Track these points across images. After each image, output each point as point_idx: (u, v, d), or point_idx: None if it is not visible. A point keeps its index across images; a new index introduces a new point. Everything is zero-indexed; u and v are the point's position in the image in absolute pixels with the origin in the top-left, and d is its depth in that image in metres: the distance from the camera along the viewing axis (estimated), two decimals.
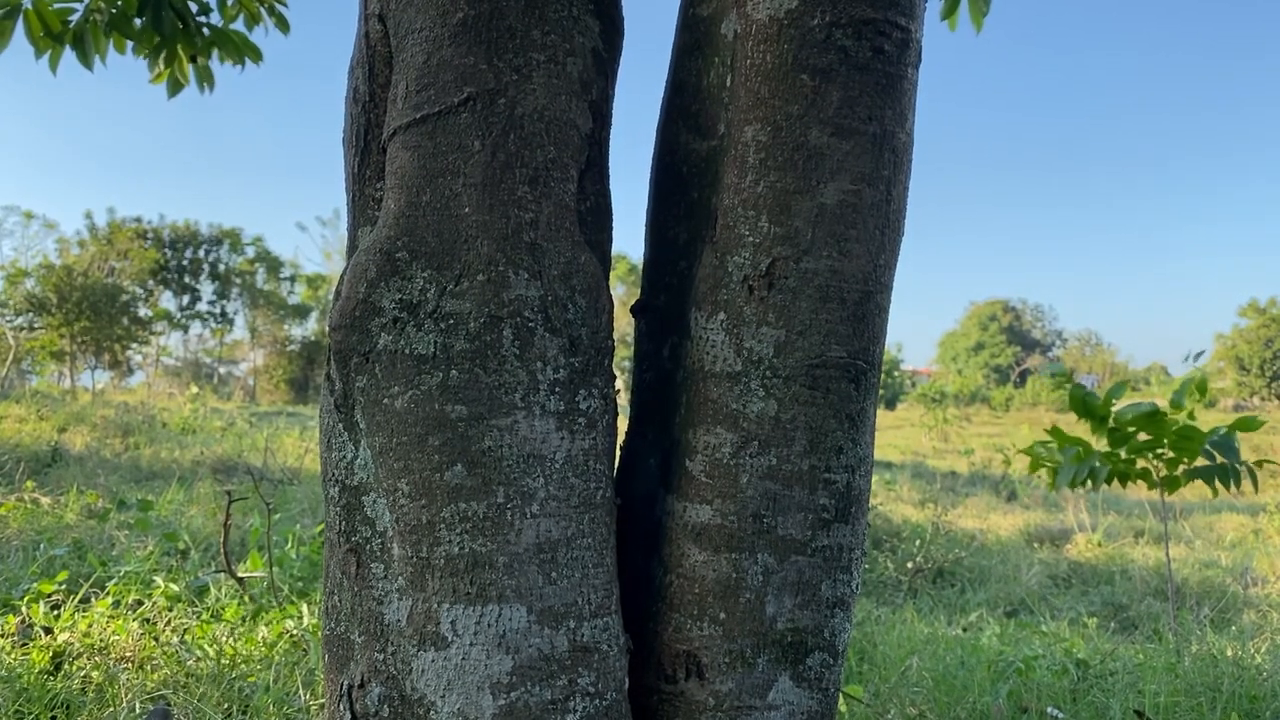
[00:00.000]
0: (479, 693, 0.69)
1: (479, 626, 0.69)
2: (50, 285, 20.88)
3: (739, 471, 0.74)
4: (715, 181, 0.76)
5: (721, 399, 0.75)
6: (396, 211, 0.72)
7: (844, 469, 0.76)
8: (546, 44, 0.72)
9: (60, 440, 7.48)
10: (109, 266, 25.55)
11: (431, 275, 0.70)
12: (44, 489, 5.13)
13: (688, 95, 0.79)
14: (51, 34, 3.32)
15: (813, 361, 0.74)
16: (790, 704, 0.75)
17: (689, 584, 0.75)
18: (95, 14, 3.44)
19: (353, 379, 0.71)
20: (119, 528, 4.22)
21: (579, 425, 0.72)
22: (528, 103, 0.71)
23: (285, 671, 2.58)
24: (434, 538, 0.69)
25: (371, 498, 0.72)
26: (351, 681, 0.72)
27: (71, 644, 2.60)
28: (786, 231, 0.72)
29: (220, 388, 25.81)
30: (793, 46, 0.71)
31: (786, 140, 0.71)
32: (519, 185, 0.71)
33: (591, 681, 0.72)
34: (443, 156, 0.71)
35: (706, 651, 0.75)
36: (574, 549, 0.72)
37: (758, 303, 0.74)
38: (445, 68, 0.71)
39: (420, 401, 0.69)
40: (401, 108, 0.73)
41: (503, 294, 0.70)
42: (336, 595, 0.74)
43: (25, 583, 3.18)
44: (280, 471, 6.71)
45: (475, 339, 0.69)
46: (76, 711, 2.20)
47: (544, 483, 0.71)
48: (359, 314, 0.70)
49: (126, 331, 22.58)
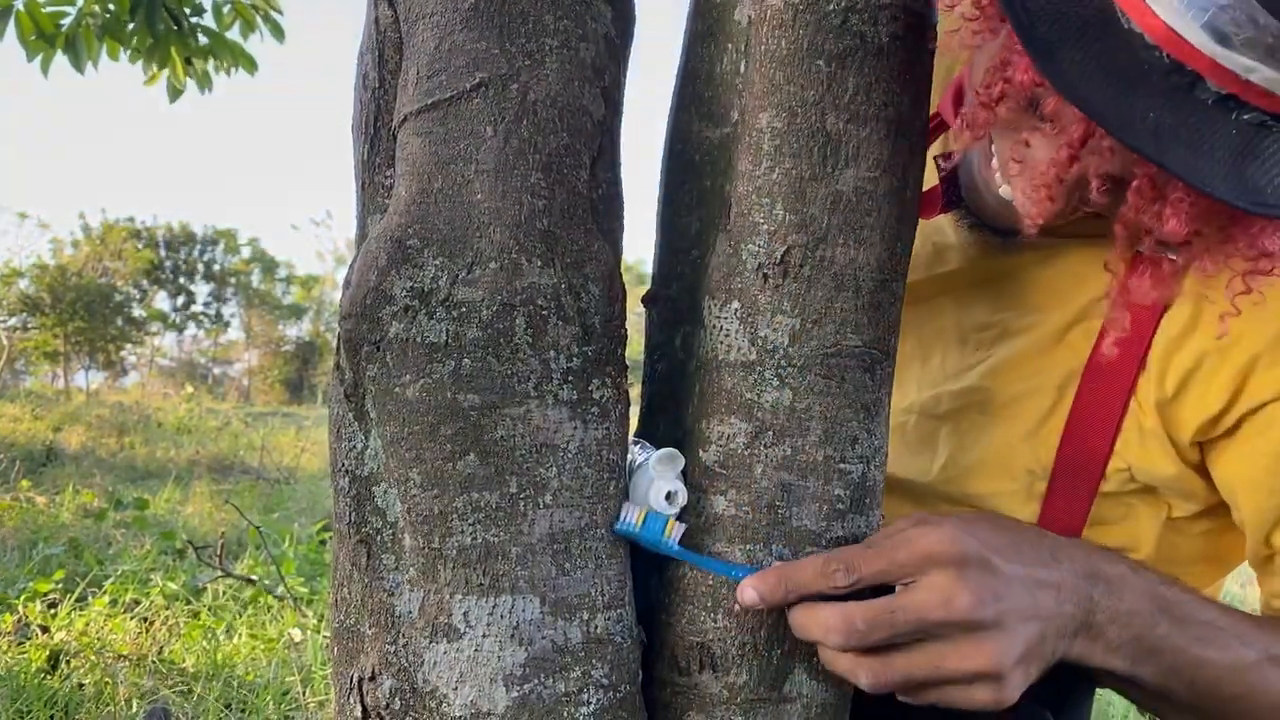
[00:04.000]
0: (492, 685, 0.68)
1: (492, 618, 0.68)
2: (44, 285, 20.82)
3: (753, 462, 0.74)
4: (729, 169, 0.76)
5: (735, 388, 0.74)
6: (407, 199, 0.71)
7: (859, 459, 0.75)
8: (559, 29, 0.71)
9: (55, 440, 7.46)
10: (103, 267, 25.50)
11: (443, 263, 0.69)
12: (39, 488, 5.11)
13: (700, 82, 0.78)
14: (44, 36, 3.31)
15: (828, 350, 0.73)
16: (805, 696, 0.75)
17: (702, 575, 0.75)
18: (89, 17, 3.43)
19: (363, 368, 0.70)
20: (115, 527, 4.21)
21: (592, 415, 0.71)
22: (540, 88, 0.70)
23: (284, 669, 2.57)
24: (446, 528, 0.69)
25: (382, 488, 0.71)
26: (362, 674, 0.71)
27: (69, 643, 2.59)
28: (802, 219, 0.72)
29: (215, 388, 25.76)
30: (808, 32, 0.70)
31: (802, 126, 0.71)
32: (532, 172, 0.70)
33: (605, 674, 0.71)
34: (454, 143, 0.70)
35: (720, 643, 0.74)
36: (587, 540, 0.71)
37: (772, 291, 0.73)
38: (457, 53, 0.70)
39: (432, 390, 0.68)
40: (412, 93, 0.72)
41: (515, 282, 0.69)
42: (346, 587, 0.73)
43: (21, 581, 3.17)
44: (277, 471, 6.69)
45: (488, 327, 0.68)
46: (75, 710, 2.19)
47: (557, 473, 0.70)
48: (369, 302, 0.69)
49: (121, 332, 22.53)
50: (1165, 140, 0.57)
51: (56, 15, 3.20)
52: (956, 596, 0.63)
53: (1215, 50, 0.55)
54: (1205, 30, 0.54)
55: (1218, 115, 0.57)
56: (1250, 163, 0.56)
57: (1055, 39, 0.59)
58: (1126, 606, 0.70)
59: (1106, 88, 0.58)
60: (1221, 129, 0.57)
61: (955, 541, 0.64)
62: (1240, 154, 0.57)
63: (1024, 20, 0.60)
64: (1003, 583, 0.65)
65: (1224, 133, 0.57)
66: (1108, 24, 0.59)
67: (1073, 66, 0.58)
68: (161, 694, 2.41)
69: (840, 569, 0.67)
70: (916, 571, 0.65)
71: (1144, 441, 0.80)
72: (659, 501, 0.72)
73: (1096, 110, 0.58)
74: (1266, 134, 0.57)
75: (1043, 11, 0.60)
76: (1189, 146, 0.57)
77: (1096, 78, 0.58)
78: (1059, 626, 0.67)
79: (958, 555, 0.64)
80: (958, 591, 0.63)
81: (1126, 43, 0.58)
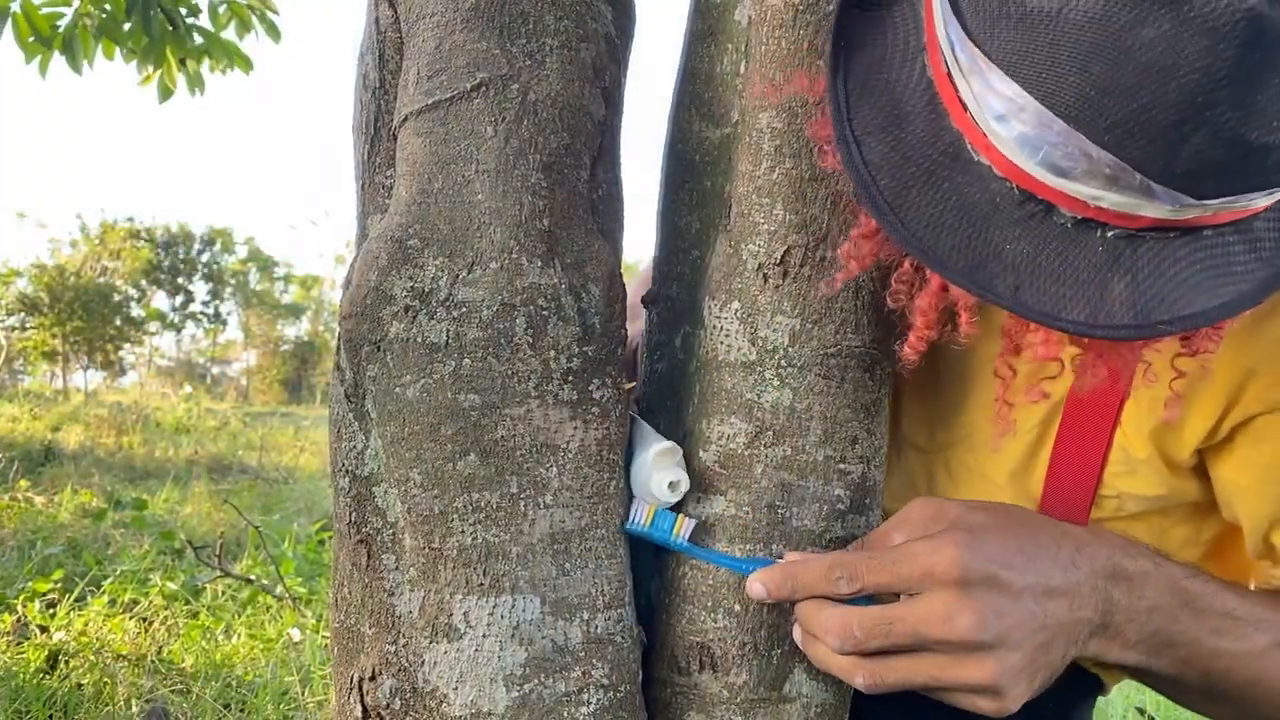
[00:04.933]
0: (492, 685, 0.68)
1: (492, 618, 0.69)
2: (42, 285, 20.80)
3: (753, 462, 0.74)
4: (729, 169, 0.76)
5: (735, 388, 0.74)
6: (408, 199, 0.71)
7: (859, 459, 0.75)
8: (560, 29, 0.72)
9: (54, 439, 7.45)
10: (101, 266, 25.48)
11: (444, 263, 0.69)
12: (38, 488, 5.10)
13: (700, 82, 0.78)
14: (41, 38, 3.31)
15: (828, 350, 0.73)
16: (805, 696, 0.75)
17: (703, 575, 0.75)
18: (85, 18, 3.43)
19: (363, 368, 0.70)
20: (114, 526, 4.20)
21: (592, 415, 0.71)
22: (541, 88, 0.70)
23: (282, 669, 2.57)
24: (446, 528, 0.69)
25: (382, 488, 0.71)
26: (362, 674, 0.71)
27: (67, 643, 2.58)
28: (802, 219, 0.72)
29: (213, 388, 25.75)
30: (808, 32, 0.70)
31: (802, 127, 0.71)
32: (532, 172, 0.70)
33: (606, 674, 0.71)
34: (455, 143, 0.70)
35: (720, 643, 0.74)
36: (587, 540, 0.71)
37: (772, 291, 0.73)
38: (457, 53, 0.70)
39: (432, 390, 0.68)
40: (413, 93, 0.72)
41: (516, 281, 0.69)
42: (346, 587, 0.73)
43: (20, 581, 3.16)
44: (275, 471, 6.69)
45: (488, 327, 0.69)
46: (74, 710, 2.19)
47: (557, 473, 0.70)
48: (370, 302, 0.69)
49: (119, 331, 22.52)
50: (1023, 274, 0.56)
51: (53, 16, 3.20)
52: (957, 615, 0.63)
53: (1059, 183, 0.54)
54: (1042, 166, 0.54)
55: (1080, 235, 0.56)
56: (1119, 279, 0.55)
57: (899, 186, 0.59)
58: (1148, 603, 0.69)
59: (960, 228, 0.57)
60: (1086, 249, 0.55)
61: (958, 561, 0.63)
62: (1108, 270, 0.55)
63: (864, 175, 0.60)
64: (1008, 599, 0.64)
65: (1089, 252, 0.55)
66: (958, 158, 0.57)
67: (918, 213, 0.58)
68: (160, 694, 2.41)
69: (844, 577, 0.66)
70: (919, 587, 0.65)
71: (1134, 471, 0.79)
72: (661, 490, 0.73)
73: (941, 259, 0.57)
74: (1139, 243, 0.55)
75: (884, 163, 0.60)
76: (1050, 275, 0.55)
77: (948, 217, 0.58)
78: (1071, 633, 0.67)
79: (961, 574, 0.63)
80: (959, 610, 0.63)
81: (979, 175, 0.57)
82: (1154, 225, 0.55)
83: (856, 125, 0.62)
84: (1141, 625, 0.69)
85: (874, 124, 0.61)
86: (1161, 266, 0.55)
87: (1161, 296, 0.55)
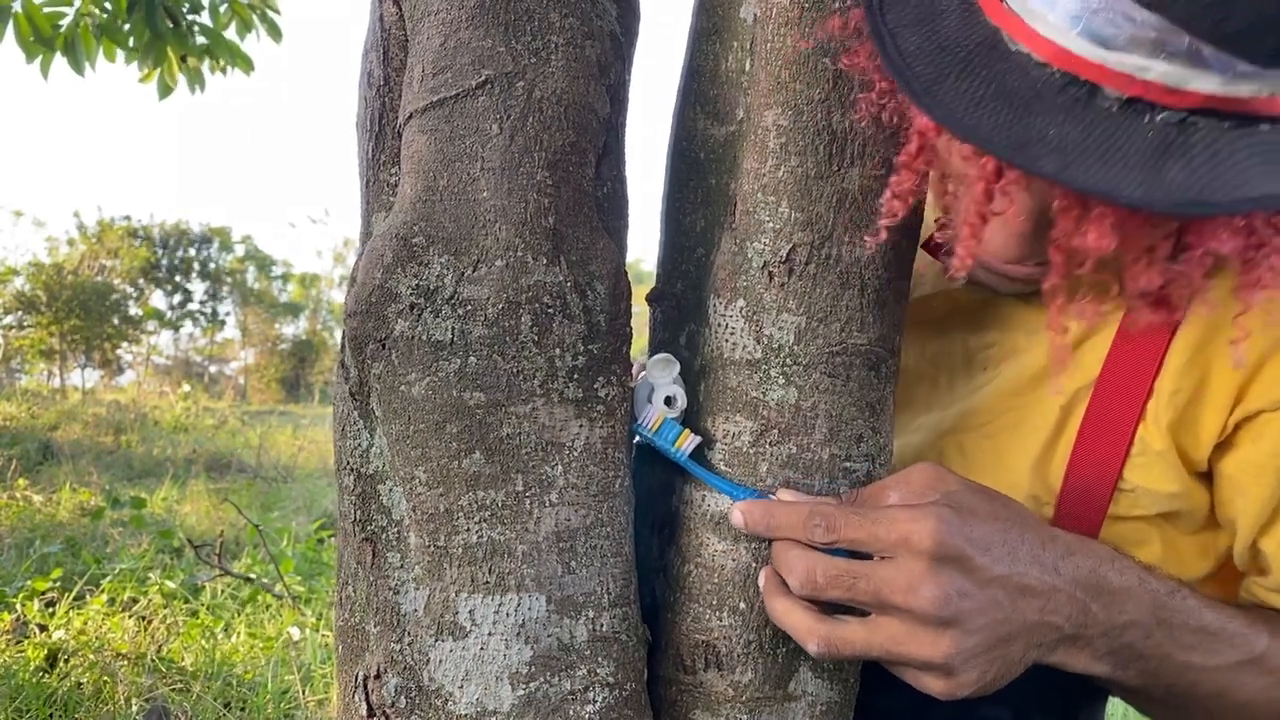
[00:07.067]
0: (498, 683, 0.68)
1: (498, 616, 0.68)
2: (40, 284, 20.76)
3: (758, 460, 0.74)
4: (734, 167, 0.75)
5: (741, 387, 0.74)
6: (413, 196, 0.71)
7: (864, 457, 0.75)
8: (565, 26, 0.71)
9: (52, 438, 7.44)
10: (99, 265, 25.44)
11: (449, 261, 0.69)
12: (36, 486, 5.10)
13: (705, 80, 0.78)
14: (42, 38, 3.30)
15: (833, 348, 0.73)
16: (810, 695, 0.75)
17: (708, 574, 0.75)
18: (86, 18, 3.42)
19: (368, 366, 0.70)
20: (113, 525, 4.20)
21: (598, 413, 0.71)
22: (546, 86, 0.70)
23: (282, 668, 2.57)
24: (452, 526, 0.69)
25: (387, 486, 0.71)
26: (367, 672, 0.71)
27: (67, 641, 2.58)
28: (808, 217, 0.72)
29: (211, 386, 25.71)
30: (814, 29, 0.70)
31: (808, 124, 0.70)
32: (538, 170, 0.70)
33: (611, 672, 0.71)
34: (460, 140, 0.70)
35: (725, 642, 0.74)
36: (593, 538, 0.71)
37: (778, 289, 0.73)
38: (462, 50, 0.70)
39: (438, 388, 0.68)
40: (418, 91, 0.72)
41: (521, 279, 0.69)
42: (351, 585, 0.73)
43: (19, 580, 3.16)
44: (274, 469, 6.68)
45: (493, 325, 0.68)
46: (73, 709, 2.18)
47: (563, 471, 0.70)
48: (375, 300, 0.69)
49: (117, 330, 22.48)
50: (1070, 155, 0.53)
51: (54, 16, 3.19)
52: (921, 586, 0.63)
53: (1102, 55, 0.52)
54: (1084, 37, 0.52)
55: (1126, 121, 0.53)
56: (1173, 163, 0.52)
57: (935, 75, 0.58)
58: (1125, 619, 0.69)
59: (1001, 112, 0.56)
60: (1134, 134, 0.53)
61: (936, 534, 0.63)
62: (1159, 155, 0.52)
63: (898, 62, 0.59)
64: (975, 583, 0.64)
65: (1137, 137, 0.53)
66: (995, 49, 0.56)
67: (958, 98, 0.57)
68: (160, 692, 2.41)
69: (822, 526, 0.67)
70: (892, 551, 0.65)
71: (1150, 464, 0.78)
72: (660, 407, 0.74)
73: (983, 136, 0.56)
74: (1191, 130, 0.53)
75: (919, 51, 0.59)
76: (1098, 158, 0.53)
77: (989, 104, 0.56)
78: (1036, 635, 0.66)
79: (934, 548, 0.63)
80: (924, 581, 0.63)
81: (1017, 65, 0.55)
82: (1205, 106, 0.52)
83: (890, 19, 0.61)
84: (1113, 639, 0.69)
85: (907, 19, 0.61)
86: (1218, 155, 0.52)
87: (1222, 180, 0.51)
